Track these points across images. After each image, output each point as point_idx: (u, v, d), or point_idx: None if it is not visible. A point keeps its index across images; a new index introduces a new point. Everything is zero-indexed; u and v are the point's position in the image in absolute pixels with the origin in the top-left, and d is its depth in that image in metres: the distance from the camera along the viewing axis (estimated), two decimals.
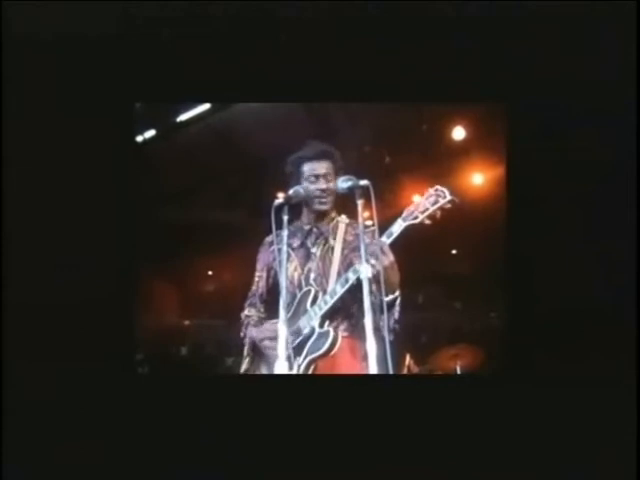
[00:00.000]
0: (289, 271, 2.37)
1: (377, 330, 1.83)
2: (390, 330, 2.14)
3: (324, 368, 2.23)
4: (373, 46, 2.29)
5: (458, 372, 4.35)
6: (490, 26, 2.25)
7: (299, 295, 2.33)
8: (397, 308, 2.19)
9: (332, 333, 2.22)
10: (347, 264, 2.32)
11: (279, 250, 2.11)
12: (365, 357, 1.95)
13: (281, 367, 1.93)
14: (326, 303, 2.23)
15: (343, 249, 2.36)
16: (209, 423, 2.23)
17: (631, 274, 2.17)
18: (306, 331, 2.25)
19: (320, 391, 2.22)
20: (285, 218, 2.10)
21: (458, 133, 4.89)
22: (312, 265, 2.37)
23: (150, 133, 4.26)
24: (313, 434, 2.20)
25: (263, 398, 2.23)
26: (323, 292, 2.28)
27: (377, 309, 2.06)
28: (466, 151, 4.85)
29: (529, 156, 2.26)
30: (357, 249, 2.16)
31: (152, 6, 2.29)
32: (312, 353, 2.23)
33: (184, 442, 2.20)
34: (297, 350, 2.24)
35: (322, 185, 2.35)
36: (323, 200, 2.36)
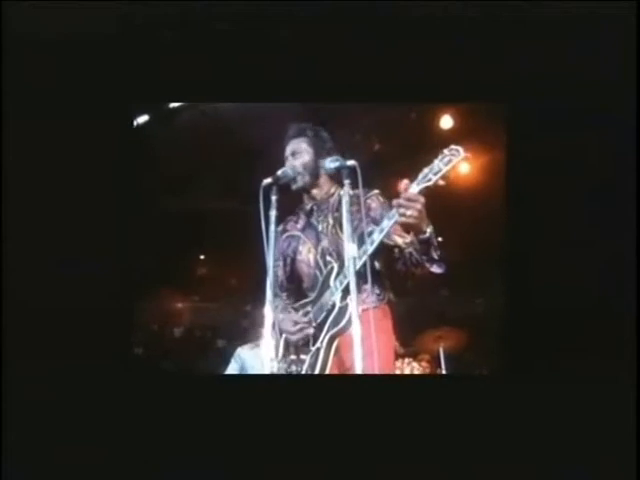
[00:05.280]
0: (303, 254, 2.39)
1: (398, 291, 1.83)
2: (438, 260, 2.13)
3: (346, 343, 2.18)
4: (373, 46, 2.30)
5: (441, 354, 4.41)
6: (490, 26, 2.25)
7: (324, 273, 2.32)
8: (433, 237, 2.09)
9: (350, 307, 2.15)
10: (359, 234, 2.31)
11: (267, 230, 2.11)
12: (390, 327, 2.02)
13: (268, 346, 1.96)
14: (346, 277, 2.17)
15: (352, 221, 2.33)
16: (207, 424, 2.23)
17: (631, 272, 2.17)
18: (328, 307, 2.23)
19: (320, 390, 2.22)
20: (274, 198, 2.12)
21: (447, 121, 4.90)
22: (324, 243, 2.37)
23: (144, 118, 4.28)
24: (313, 433, 2.20)
25: (262, 397, 2.23)
26: (342, 266, 2.25)
27: (417, 253, 2.10)
28: (457, 139, 4.87)
29: (528, 155, 2.26)
30: (367, 216, 2.15)
31: (152, 6, 2.29)
32: (332, 329, 2.21)
33: (184, 443, 2.20)
34: (319, 327, 2.23)
35: (288, 163, 2.38)
36: (296, 176, 2.37)
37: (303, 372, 2.23)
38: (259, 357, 2.36)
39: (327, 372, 2.18)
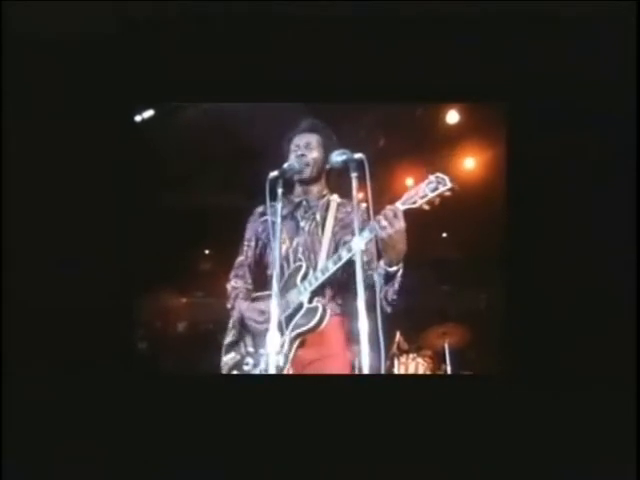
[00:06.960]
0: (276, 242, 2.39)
1: (370, 307, 1.84)
2: (389, 302, 2.15)
3: (311, 344, 2.24)
4: (373, 46, 2.30)
5: (446, 350, 4.43)
6: (490, 26, 2.25)
7: (290, 269, 2.33)
8: (398, 279, 2.13)
9: (321, 309, 2.23)
10: (337, 241, 2.33)
11: (273, 223, 2.15)
12: (353, 335, 2.03)
13: (273, 338, 1.99)
14: (317, 279, 2.22)
15: (334, 227, 2.35)
16: (210, 423, 2.23)
17: (631, 271, 2.17)
18: (294, 305, 2.25)
19: (320, 390, 2.23)
20: (280, 191, 2.13)
21: (452, 117, 4.92)
22: (300, 240, 2.37)
23: (144, 117, 4.29)
24: (314, 433, 2.21)
25: (265, 397, 2.23)
26: (314, 268, 2.28)
27: (380, 279, 2.12)
28: (460, 136, 4.89)
29: (528, 155, 2.26)
30: (348, 226, 2.20)
31: (152, 6, 2.30)
32: (299, 327, 2.23)
33: (185, 442, 2.21)
34: (284, 323, 2.23)
35: (299, 152, 2.39)
36: (302, 169, 2.37)
37: (260, 366, 2.24)
38: None
39: (287, 368, 2.20)
